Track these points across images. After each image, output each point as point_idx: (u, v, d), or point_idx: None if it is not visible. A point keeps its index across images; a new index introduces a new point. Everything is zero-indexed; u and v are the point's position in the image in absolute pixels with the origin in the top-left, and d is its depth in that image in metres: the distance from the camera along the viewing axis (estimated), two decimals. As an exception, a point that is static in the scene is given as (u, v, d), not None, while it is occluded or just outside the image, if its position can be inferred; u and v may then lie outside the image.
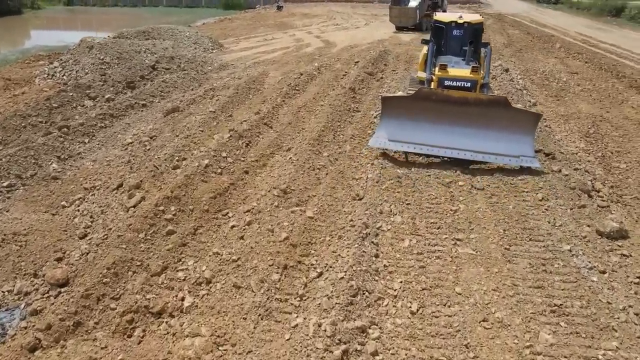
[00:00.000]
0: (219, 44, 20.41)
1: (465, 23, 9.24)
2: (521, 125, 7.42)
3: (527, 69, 16.06)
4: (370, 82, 13.41)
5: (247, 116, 10.26)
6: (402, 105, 7.79)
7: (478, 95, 7.77)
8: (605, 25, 31.75)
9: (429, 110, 7.57)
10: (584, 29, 28.65)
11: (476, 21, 9.39)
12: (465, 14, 9.94)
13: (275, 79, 14.14)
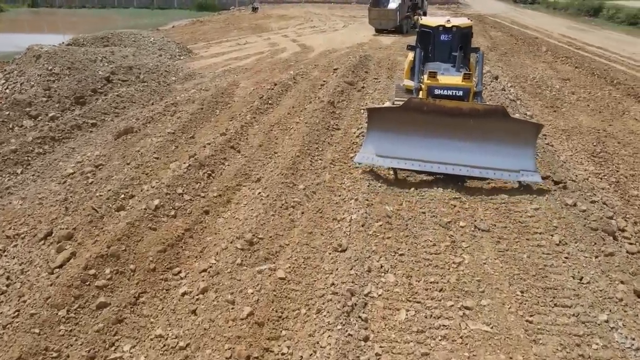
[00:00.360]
0: (187, 49, 18.97)
1: (454, 27, 8.66)
2: (521, 137, 6.82)
3: (517, 75, 15.11)
4: (350, 93, 12.22)
5: (212, 137, 8.95)
6: (390, 117, 7.13)
7: (473, 105, 7.11)
8: (587, 26, 31.31)
9: (420, 122, 6.93)
10: (566, 30, 28.07)
11: (465, 25, 8.82)
12: (453, 18, 9.36)
13: (246, 90, 12.84)
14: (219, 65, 16.61)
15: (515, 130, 6.81)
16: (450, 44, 8.73)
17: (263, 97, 11.64)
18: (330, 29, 28.68)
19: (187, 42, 22.51)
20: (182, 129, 9.29)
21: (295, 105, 11.23)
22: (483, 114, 6.84)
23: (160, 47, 17.54)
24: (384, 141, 7.08)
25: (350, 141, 9.01)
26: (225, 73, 15.18)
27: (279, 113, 10.61)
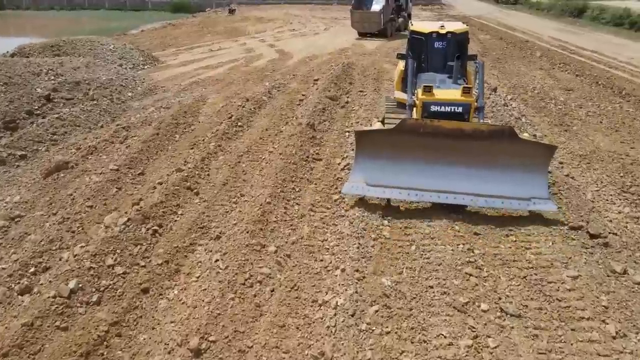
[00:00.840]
0: (153, 58, 17.21)
1: (449, 33, 7.86)
2: (531, 160, 6.12)
3: (514, 85, 13.77)
4: (333, 111, 10.68)
5: (166, 174, 7.33)
6: (382, 140, 6.34)
7: (477, 126, 6.30)
8: (574, 27, 30.39)
9: (416, 145, 6.16)
10: (555, 32, 27.03)
11: (461, 30, 8.04)
12: (447, 23, 8.44)
13: (214, 107, 11.20)
14: (186, 76, 14.92)
15: (525, 153, 6.08)
16: (445, 52, 7.93)
17: (232, 117, 10.04)
18: (310, 32, 27.13)
19: (155, 48, 20.74)
20: (129, 163, 7.63)
21: (269, 127, 9.65)
22: (488, 136, 6.05)
23: (121, 55, 15.75)
24: (375, 168, 6.28)
25: (334, 176, 7.46)
26: (193, 86, 13.50)
27: (250, 138, 9.01)
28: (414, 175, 6.20)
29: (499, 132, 6.12)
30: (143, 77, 14.27)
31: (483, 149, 6.10)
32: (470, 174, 6.15)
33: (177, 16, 41.28)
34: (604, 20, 35.91)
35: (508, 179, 6.10)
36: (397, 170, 6.25)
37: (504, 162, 6.12)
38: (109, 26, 34.87)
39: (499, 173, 6.13)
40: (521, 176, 6.10)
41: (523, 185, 6.09)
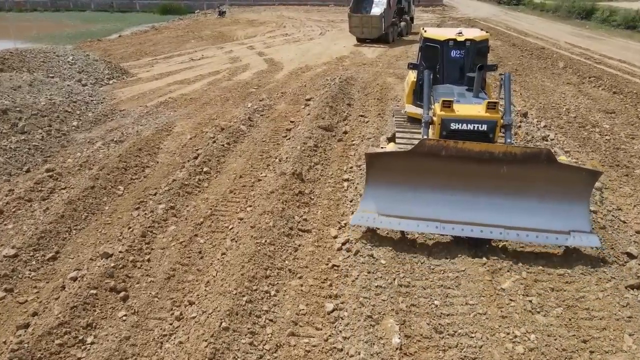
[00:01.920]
0: (121, 70, 14.94)
1: (467, 41, 7.11)
2: (571, 187, 5.35)
3: (544, 105, 11.58)
4: (327, 147, 8.45)
5: (86, 261, 5.11)
6: (397, 164, 5.54)
7: (509, 148, 5.41)
8: (591, 32, 28.24)
9: (438, 170, 5.40)
10: (571, 37, 24.85)
11: (481, 38, 7.29)
12: (465, 29, 7.55)
13: (179, 140, 8.98)
14: (156, 94, 12.67)
15: (564, 180, 5.34)
16: (463, 62, 7.20)
17: (198, 157, 7.82)
18: (305, 37, 24.88)
19: (128, 57, 18.48)
20: (38, 242, 5.39)
21: (244, 173, 7.43)
22: (522, 160, 5.27)
23: (81, 69, 13.49)
24: (388, 196, 5.52)
25: (327, 261, 5.25)
26: (161, 107, 11.26)
27: (216, 192, 6.78)
28: (434, 205, 5.43)
29: (534, 155, 5.29)
30: (103, 95, 12.02)
31: (515, 175, 5.32)
32: (500, 204, 5.40)
33: (166, 18, 39.00)
34: (614, 23, 33.94)
35: (544, 209, 5.35)
36: (414, 198, 5.48)
37: (539, 190, 5.37)
38: (90, 30, 32.61)
39: (534, 202, 5.38)
40: (559, 206, 5.34)
41: (562, 217, 5.32)
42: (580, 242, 5.26)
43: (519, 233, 5.30)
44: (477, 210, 5.38)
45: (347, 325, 4.26)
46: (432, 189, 5.47)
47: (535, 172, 5.31)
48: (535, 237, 5.31)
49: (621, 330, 4.26)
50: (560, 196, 5.35)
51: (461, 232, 5.38)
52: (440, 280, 4.92)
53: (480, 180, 5.38)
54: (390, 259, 5.16)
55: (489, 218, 5.34)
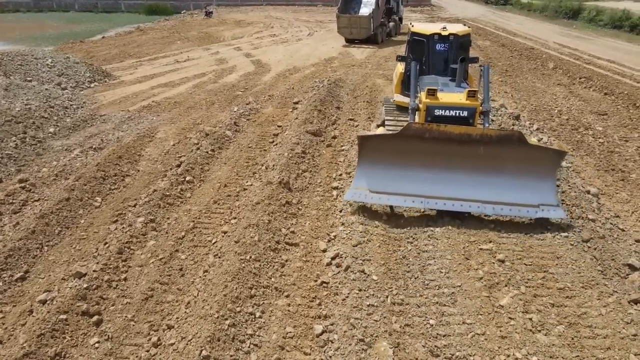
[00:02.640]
0: (103, 73, 14.50)
1: (451, 35, 7.67)
2: (540, 166, 5.91)
3: (535, 108, 11.40)
4: (316, 153, 8.16)
5: (58, 281, 4.77)
6: (386, 146, 6.05)
7: (485, 131, 6.00)
8: (577, 31, 28.29)
9: (422, 151, 5.94)
10: (559, 37, 24.84)
11: (463, 32, 7.83)
12: (449, 24, 8.17)
13: (161, 147, 8.63)
14: (139, 97, 12.28)
15: (533, 159, 5.91)
16: (447, 55, 7.75)
17: (181, 165, 7.48)
18: (293, 38, 24.56)
19: (112, 59, 18.01)
20: (5, 260, 5.04)
21: (229, 182, 7.12)
22: (497, 141, 5.87)
23: (61, 72, 13.05)
24: (378, 175, 6.05)
25: (316, 277, 4.96)
26: (143, 112, 10.88)
27: (199, 203, 6.46)
28: (419, 182, 5.96)
29: (508, 137, 5.89)
30: (83, 100, 11.60)
31: (491, 155, 5.89)
32: (478, 181, 5.94)
33: (152, 19, 38.41)
34: (601, 23, 34.13)
35: (516, 185, 5.90)
36: (401, 176, 6.00)
37: (512, 168, 5.91)
38: (73, 30, 31.96)
39: (508, 179, 5.93)
40: (530, 182, 5.90)
41: (532, 192, 5.89)
42: (548, 215, 5.85)
43: (494, 207, 5.87)
44: (457, 186, 5.91)
45: (338, 349, 3.98)
46: (417, 168, 5.99)
47: (508, 152, 5.87)
48: (508, 210, 5.87)
49: (626, 349, 4.04)
50: (530, 173, 5.89)
51: (443, 207, 5.92)
52: (436, 297, 4.66)
53: (460, 159, 5.92)
54: (383, 274, 4.89)
55: (468, 193, 5.89)
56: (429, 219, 5.99)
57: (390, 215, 6.07)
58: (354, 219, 5.85)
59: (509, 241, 5.59)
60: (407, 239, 5.62)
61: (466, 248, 5.42)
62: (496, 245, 5.46)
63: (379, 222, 5.89)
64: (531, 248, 5.46)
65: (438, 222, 5.89)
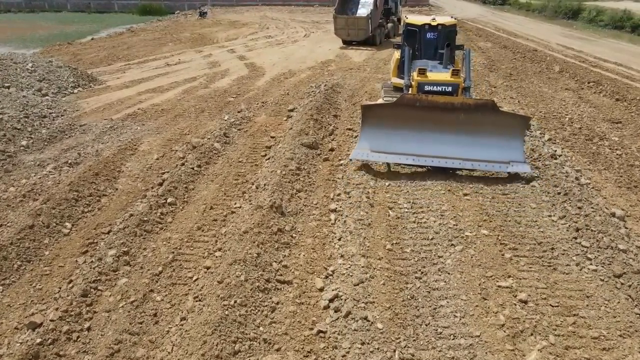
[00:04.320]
0: (88, 77, 13.77)
1: (439, 25, 8.91)
2: (510, 129, 7.02)
3: (544, 115, 10.75)
4: (312, 169, 7.47)
5: (9, 331, 4.09)
6: (384, 113, 7.23)
7: (465, 100, 7.17)
8: (579, 32, 27.66)
9: (413, 117, 7.07)
10: (562, 38, 24.24)
11: (450, 23, 9.06)
12: (438, 16, 9.39)
13: (144, 161, 7.93)
14: (125, 104, 11.57)
15: (504, 123, 7.01)
16: (436, 42, 8.92)
17: (164, 183, 6.79)
18: (288, 39, 23.86)
19: (99, 62, 17.28)
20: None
21: (215, 203, 6.43)
22: (474, 108, 7.00)
23: (42, 77, 12.32)
24: (378, 137, 7.16)
25: (312, 323, 4.27)
26: (128, 120, 10.17)
27: (181, 230, 5.77)
28: (411, 143, 7.05)
29: (483, 105, 7.03)
30: (64, 107, 10.88)
31: (469, 120, 6.96)
32: (459, 141, 7.01)
33: (145, 19, 37.65)
34: (602, 23, 33.67)
35: (490, 145, 6.96)
36: (397, 138, 7.09)
37: (487, 131, 6.97)
38: (64, 31, 31.16)
39: (483, 140, 6.99)
40: (501, 143, 6.97)
41: (503, 151, 6.96)
42: (516, 169, 6.97)
43: (473, 163, 7.01)
44: (442, 146, 7.02)
45: None
46: (410, 131, 7.10)
47: (484, 118, 6.95)
48: (485, 165, 7.01)
49: None
50: (502, 135, 6.97)
51: (431, 163, 7.08)
52: (451, 349, 3.99)
53: (445, 124, 7.02)
54: (389, 320, 4.22)
55: (451, 152, 7.01)
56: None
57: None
58: (354, 250, 5.17)
59: (530, 276, 4.93)
60: (415, 274, 4.95)
61: (482, 285, 4.76)
62: (516, 282, 4.80)
63: (382, 252, 5.22)
64: (556, 285, 4.80)
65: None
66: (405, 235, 5.67)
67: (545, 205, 6.39)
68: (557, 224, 5.95)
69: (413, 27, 9.10)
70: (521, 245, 5.47)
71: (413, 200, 6.49)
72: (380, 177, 7.13)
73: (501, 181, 7.10)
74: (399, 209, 6.27)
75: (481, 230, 5.74)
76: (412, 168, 7.40)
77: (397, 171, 7.42)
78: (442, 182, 6.90)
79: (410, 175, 7.24)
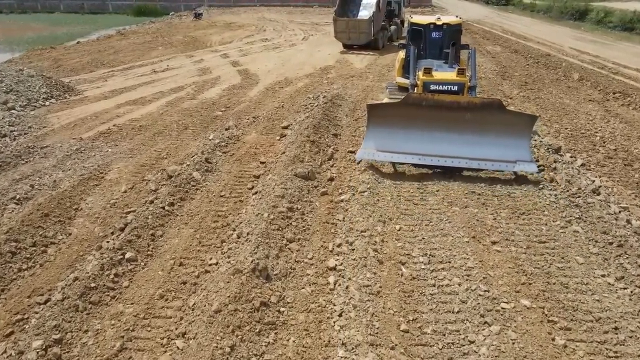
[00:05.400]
0: (64, 87, 12.53)
1: (444, 25, 8.93)
2: (516, 128, 6.94)
3: (571, 133, 9.49)
4: (307, 210, 6.21)
5: None
6: (390, 112, 7.17)
7: (471, 99, 7.15)
8: (594, 35, 26.36)
9: (419, 116, 7.00)
10: (574, 41, 22.99)
11: (455, 22, 9.09)
12: (443, 16, 9.47)
13: (108, 195, 6.69)
14: (99, 120, 10.32)
15: (511, 122, 6.92)
16: (441, 41, 8.95)
17: (126, 229, 5.55)
18: (286, 43, 22.61)
19: (81, 68, 16.04)
20: None
21: (186, 258, 5.18)
22: (480, 107, 6.92)
23: (9, 88, 11.08)
24: (384, 136, 7.08)
25: None
26: (99, 141, 8.92)
27: (138, 300, 4.51)
28: (417, 142, 6.99)
29: (490, 104, 6.99)
30: (30, 123, 9.65)
31: (476, 119, 6.90)
32: (465, 141, 6.96)
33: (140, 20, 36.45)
34: (611, 24, 32.49)
35: (497, 144, 6.90)
36: (403, 137, 7.03)
37: (493, 130, 6.91)
38: (54, 33, 29.97)
39: (490, 139, 6.92)
40: (508, 142, 6.91)
41: (510, 150, 6.90)
42: (523, 168, 6.85)
43: (479, 162, 6.89)
44: (448, 146, 6.90)
45: None
46: (416, 131, 7.00)
47: (490, 117, 6.84)
48: (491, 165, 6.89)
49: None
50: (508, 134, 6.87)
51: (437, 163, 6.94)
52: None
53: (451, 123, 6.90)
54: None
55: (457, 151, 6.88)
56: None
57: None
58: (360, 336, 3.93)
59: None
60: (440, 369, 3.70)
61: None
62: (578, 387, 3.55)
63: (395, 335, 3.98)
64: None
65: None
66: (424, 306, 4.43)
67: (596, 260, 5.14)
68: (616, 288, 4.71)
69: (418, 26, 9.12)
70: (575, 324, 4.22)
71: (430, 251, 5.25)
72: (389, 218, 5.89)
73: (535, 222, 5.86)
74: (414, 264, 5.04)
75: (521, 299, 4.50)
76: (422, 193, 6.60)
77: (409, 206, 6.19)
78: (464, 227, 5.66)
79: (425, 212, 6.00)
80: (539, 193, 6.58)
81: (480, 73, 14.72)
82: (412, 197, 6.51)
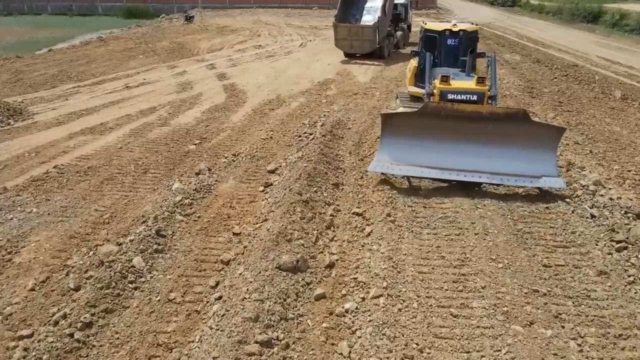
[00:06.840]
0: (10, 110, 10.42)
1: (461, 31, 8.43)
2: (542, 141, 6.58)
3: (633, 174, 7.38)
4: (293, 332, 4.09)
5: None
6: (406, 123, 6.83)
7: (494, 109, 6.81)
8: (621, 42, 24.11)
9: (437, 127, 6.61)
10: (600, 49, 20.86)
11: (472, 29, 8.61)
12: (458, 22, 8.83)
13: (5, 297, 4.56)
14: (40, 157, 8.22)
15: (536, 134, 6.59)
16: (457, 49, 8.54)
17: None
18: (281, 50, 20.48)
19: (44, 83, 13.93)
20: None
21: None
22: (504, 118, 6.59)
23: None
24: (399, 148, 6.74)
25: None
26: (25, 194, 6.80)
27: None
28: (435, 155, 6.61)
29: (514, 114, 6.62)
30: (-54, 166, 7.52)
31: (498, 131, 6.52)
32: (487, 154, 6.57)
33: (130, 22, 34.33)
34: (627, 27, 30.55)
35: (521, 158, 6.51)
36: (419, 149, 6.66)
37: (517, 143, 6.53)
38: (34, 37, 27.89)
39: (513, 152, 6.54)
40: (533, 155, 6.51)
41: (535, 164, 6.49)
42: (549, 184, 6.51)
43: (502, 177, 6.55)
44: (468, 159, 6.60)
45: None
46: (433, 142, 6.67)
47: (514, 129, 6.54)
48: (514, 180, 6.55)
49: None
50: (533, 148, 6.55)
51: (456, 177, 6.61)
52: None
53: (471, 135, 6.60)
54: None
55: (478, 165, 6.58)
56: None
57: None
58: None
59: None
60: None
61: None
62: None
63: None
64: None
65: None
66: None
67: None
68: None
69: (433, 33, 8.70)
70: None
71: None
72: (418, 350, 3.79)
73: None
74: None
75: None
76: (459, 290, 4.48)
77: (445, 319, 4.08)
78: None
79: (472, 333, 3.89)
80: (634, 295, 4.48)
81: (503, 89, 12.65)
82: (446, 297, 4.42)
